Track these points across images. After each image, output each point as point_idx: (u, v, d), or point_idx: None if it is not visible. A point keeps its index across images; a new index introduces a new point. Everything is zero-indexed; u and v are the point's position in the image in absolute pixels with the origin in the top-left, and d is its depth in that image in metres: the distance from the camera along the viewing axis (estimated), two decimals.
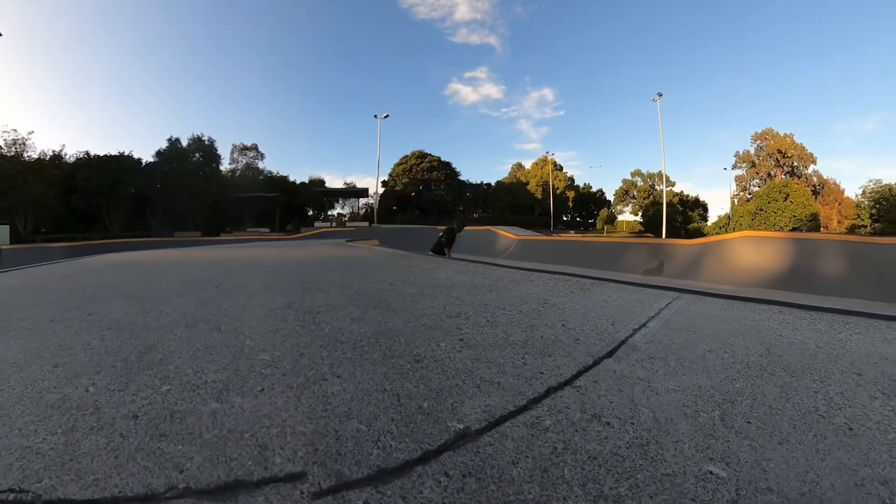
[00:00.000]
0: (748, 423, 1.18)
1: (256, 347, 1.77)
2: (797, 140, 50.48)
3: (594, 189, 72.29)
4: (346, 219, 51.61)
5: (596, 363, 1.61)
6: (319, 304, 2.58)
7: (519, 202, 63.10)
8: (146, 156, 38.22)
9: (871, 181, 44.51)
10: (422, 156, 59.08)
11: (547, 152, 66.39)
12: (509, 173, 73.81)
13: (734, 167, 55.07)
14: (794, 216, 38.91)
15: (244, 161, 53.99)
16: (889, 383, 1.48)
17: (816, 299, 3.14)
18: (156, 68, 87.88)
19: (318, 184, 57.41)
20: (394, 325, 2.12)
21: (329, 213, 56.06)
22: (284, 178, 53.11)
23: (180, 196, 35.54)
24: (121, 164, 34.18)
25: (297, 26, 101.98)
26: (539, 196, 63.51)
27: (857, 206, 44.78)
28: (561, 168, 68.74)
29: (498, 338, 1.90)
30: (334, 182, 73.76)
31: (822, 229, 40.04)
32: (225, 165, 47.23)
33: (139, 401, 1.28)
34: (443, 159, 60.23)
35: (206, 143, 39.78)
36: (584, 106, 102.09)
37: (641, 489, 0.89)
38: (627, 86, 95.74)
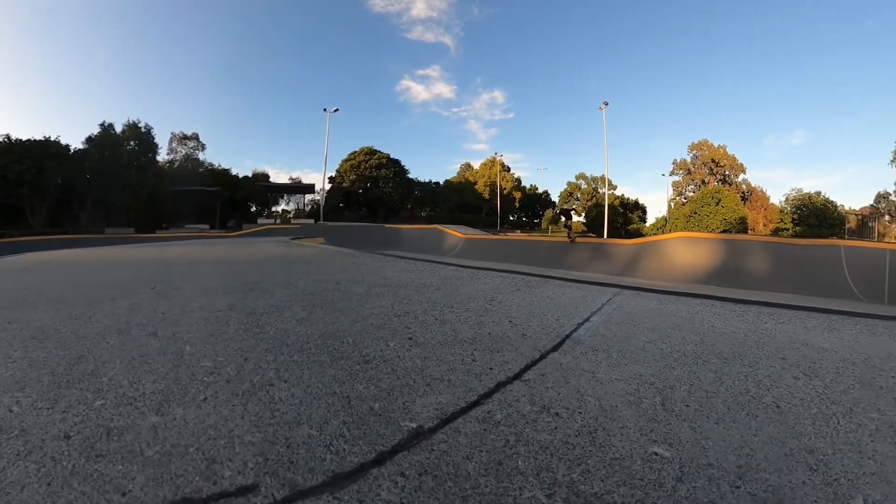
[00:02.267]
0: (687, 406, 1.28)
1: (197, 353, 1.67)
2: (729, 151, 56.15)
3: (540, 190, 74.94)
4: (291, 216, 49.58)
5: (543, 357, 1.67)
6: (263, 305, 2.49)
7: (467, 201, 63.98)
8: (75, 142, 34.30)
9: (793, 190, 51.55)
10: (371, 152, 58.39)
11: (495, 153, 68.05)
12: (458, 173, 74.71)
13: (672, 174, 59.84)
14: (725, 219, 42.56)
15: (183, 151, 49.97)
16: (809, 365, 1.67)
17: (744, 293, 3.42)
18: (90, 43, 78.68)
19: (262, 178, 54.51)
20: (341, 325, 2.08)
21: (273, 209, 53.35)
22: (226, 172, 49.79)
23: (113, 188, 31.92)
24: (46, 151, 29.74)
25: (246, 11, 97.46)
26: (487, 196, 64.75)
27: (781, 211, 50.45)
28: (509, 169, 70.59)
29: (447, 335, 1.92)
30: (279, 177, 70.69)
31: (749, 231, 44.01)
32: (162, 155, 43.84)
33: (71, 419, 1.17)
34: (392, 156, 59.75)
35: (143, 130, 36.30)
36: (534, 110, 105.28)
37: (592, 474, 0.93)
38: (576, 93, 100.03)
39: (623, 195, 63.81)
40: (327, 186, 51.93)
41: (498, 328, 2.05)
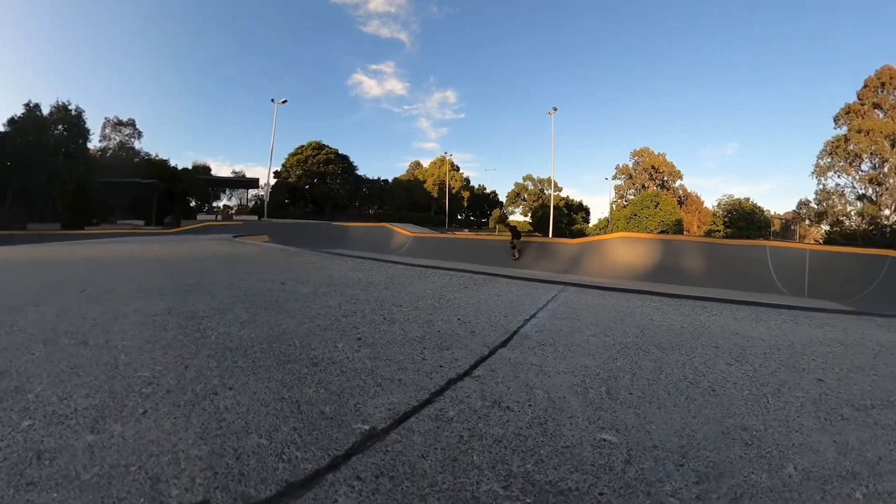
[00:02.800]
0: (630, 394, 1.34)
1: (133, 363, 1.54)
2: (669, 159, 60.00)
3: (488, 190, 76.34)
4: (234, 212, 46.91)
5: (492, 353, 1.69)
6: (204, 307, 2.35)
7: (415, 200, 63.83)
8: None
9: (725, 196, 57.04)
10: (319, 147, 56.67)
11: (445, 153, 68.28)
12: (407, 171, 74.37)
13: (614, 178, 63.71)
14: (663, 221, 45.61)
15: (118, 139, 45.95)
16: (740, 352, 1.80)
17: (681, 289, 3.63)
18: (14, 9, 67.12)
19: (203, 171, 51.13)
20: (287, 327, 2.00)
21: (215, 204, 50.29)
22: (164, 163, 45.65)
23: (37, 177, 27.63)
24: None
25: None
26: (435, 195, 64.92)
27: (714, 214, 55.60)
28: (458, 169, 71.32)
29: (396, 335, 1.90)
30: (221, 170, 65.98)
31: (685, 233, 47.12)
32: (94, 143, 39.04)
33: None
34: (340, 152, 58.15)
35: (73, 113, 31.59)
36: (485, 111, 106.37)
37: (546, 463, 0.95)
38: (526, 97, 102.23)
39: (568, 197, 66.46)
40: (272, 181, 49.38)
41: (447, 326, 2.05)
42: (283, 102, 37.77)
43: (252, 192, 51.16)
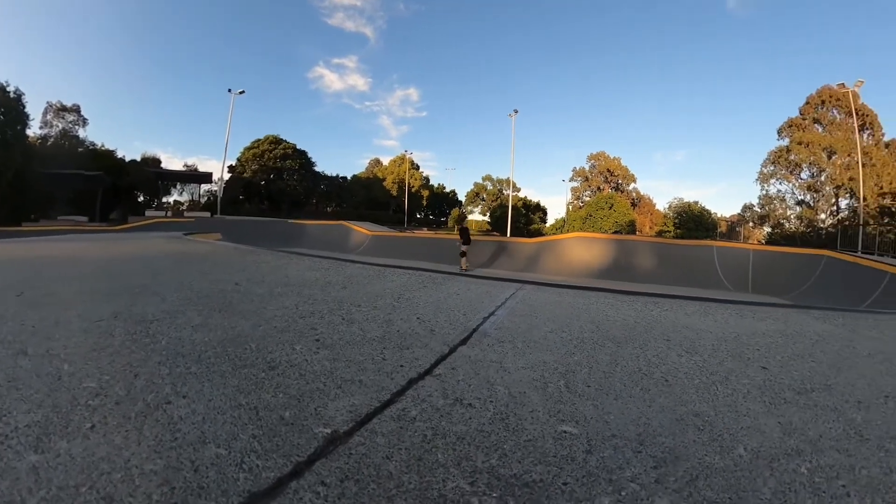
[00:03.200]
0: (588, 386, 1.38)
1: (78, 373, 1.43)
2: (623, 163, 62.43)
3: (448, 189, 76.45)
4: (185, 208, 43.55)
5: (452, 351, 1.69)
6: (153, 311, 2.21)
7: (374, 198, 63.00)
8: None
9: (675, 198, 60.93)
10: (276, 141, 54.29)
11: (405, 151, 67.91)
12: (366, 168, 73.17)
13: (571, 179, 65.87)
14: (617, 222, 47.64)
15: (60, 126, 41.67)
16: (690, 345, 1.89)
17: (633, 286, 3.76)
18: None
19: (152, 163, 47.53)
20: (242, 329, 1.92)
21: (165, 200, 46.59)
22: (111, 154, 42.13)
23: None
24: None
25: None
26: (395, 193, 64.40)
27: (665, 216, 58.63)
28: (418, 167, 71.06)
29: (355, 335, 1.87)
30: (172, 163, 61.86)
31: (637, 233, 48.96)
32: (34, 129, 36.01)
33: None
34: (298, 147, 55.67)
35: (12, 95, 28.31)
36: (447, 110, 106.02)
37: (510, 457, 0.96)
38: (488, 97, 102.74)
39: (526, 197, 67.80)
40: (226, 176, 46.65)
41: (406, 325, 2.04)
42: (241, 93, 35.91)
43: (205, 187, 48.37)
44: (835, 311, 2.80)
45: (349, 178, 66.96)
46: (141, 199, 44.18)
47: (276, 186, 52.93)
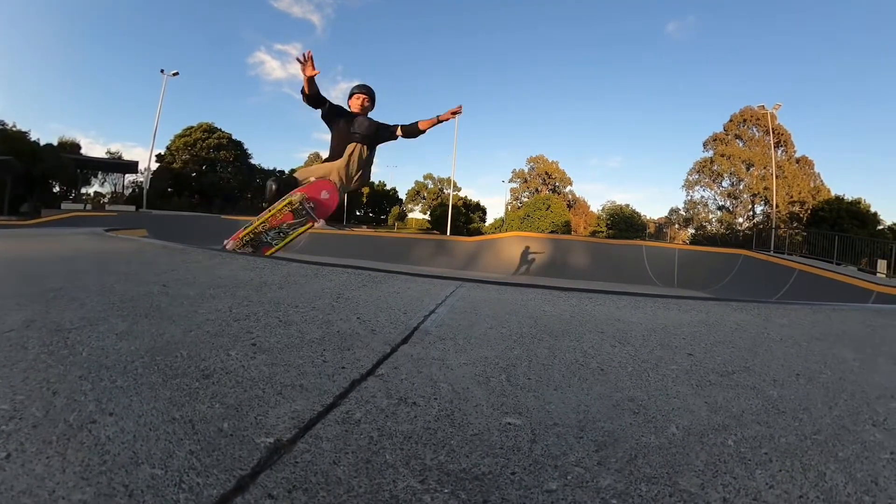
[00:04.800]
0: (529, 379, 1.43)
1: None
2: (561, 166, 66.70)
3: (388, 187, 75.44)
4: (107, 201, 39.42)
5: (394, 350, 1.68)
6: (72, 318, 1.99)
7: None
8: None
9: (608, 201, 67.00)
10: (210, 130, 50.56)
11: None
12: (306, 163, 70.51)
13: (511, 180, 69.13)
14: (553, 222, 50.18)
15: None
16: (622, 336, 2.01)
17: (569, 283, 3.94)
18: None
19: (71, 149, 42.49)
20: (172, 336, 1.79)
21: (84, 191, 41.92)
22: (22, 136, 36.75)
23: None
24: None
25: None
26: None
27: (598, 217, 63.35)
28: None
29: (293, 338, 1.81)
30: (93, 149, 55.40)
31: (572, 233, 51.53)
32: None
33: None
34: (234, 137, 52.57)
35: None
36: (390, 106, 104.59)
37: (458, 452, 0.99)
38: (432, 96, 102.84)
39: (466, 197, 69.20)
40: (154, 166, 42.23)
41: (347, 325, 2.01)
42: (174, 74, 33.23)
43: (130, 177, 44.31)
44: (751, 303, 3.08)
45: (287, 172, 64.65)
46: (57, 189, 39.72)
47: (209, 179, 49.70)
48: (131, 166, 39.36)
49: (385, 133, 5.54)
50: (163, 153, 50.56)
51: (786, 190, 45.09)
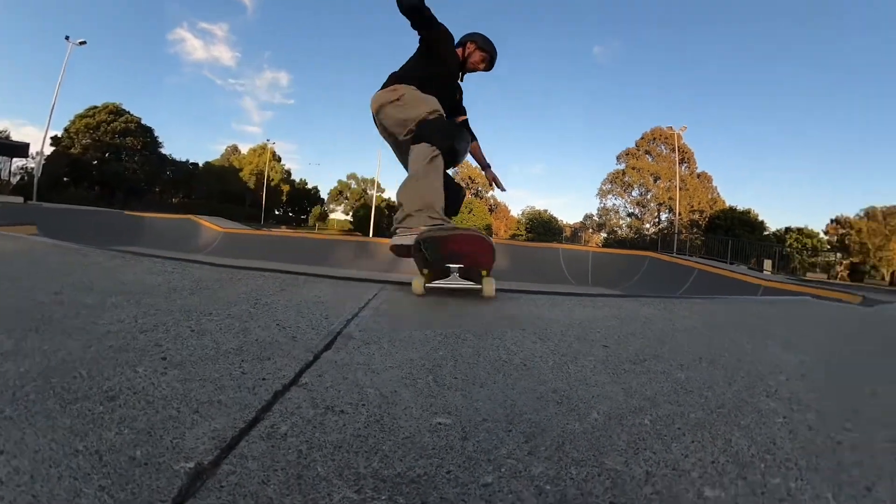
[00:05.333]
0: (455, 378, 1.45)
1: None
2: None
3: (310, 186, 73.04)
4: None
5: (317, 357, 1.63)
6: None
7: (229, 190, 56.82)
8: None
9: (528, 206, 70.65)
10: (117, 112, 44.63)
11: (268, 140, 62.86)
12: (222, 155, 65.83)
13: None
14: (475, 225, 51.04)
15: None
16: (542, 332, 2.11)
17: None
18: None
19: None
20: (69, 353, 1.56)
21: None
22: None
23: None
24: None
25: None
26: (252, 186, 59.22)
27: (518, 221, 66.71)
28: (279, 159, 66.26)
29: (208, 349, 1.68)
30: None
31: (493, 236, 53.14)
32: None
33: None
34: (144, 122, 47.04)
35: None
36: (317, 101, 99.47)
37: (391, 457, 0.97)
38: (362, 93, 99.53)
39: (390, 198, 68.48)
40: (48, 150, 36.63)
41: (266, 333, 1.91)
42: (81, 44, 29.05)
43: (18, 162, 38.06)
44: (657, 299, 3.39)
45: (201, 164, 59.53)
46: None
47: (113, 168, 43.96)
48: (20, 149, 33.40)
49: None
50: (60, 135, 44.29)
51: (687, 200, 52.51)
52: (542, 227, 59.29)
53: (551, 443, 1.07)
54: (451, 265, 2.81)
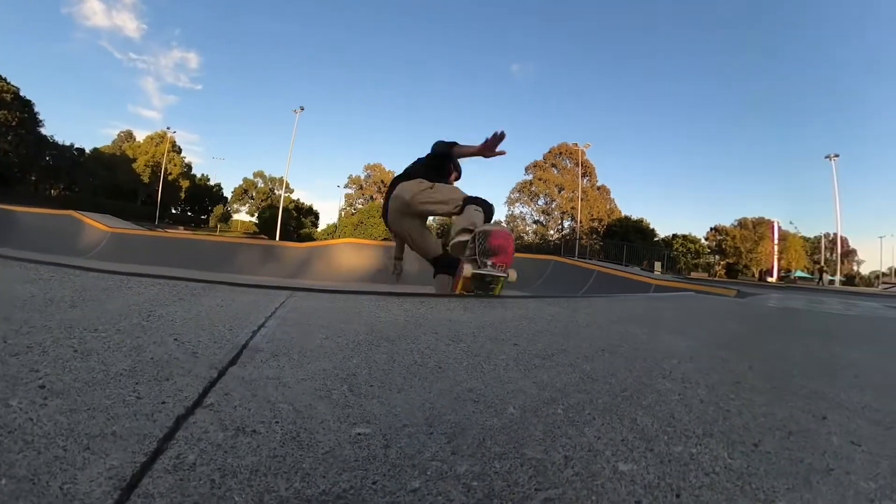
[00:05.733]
0: (371, 386, 1.44)
1: None
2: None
3: (213, 182, 67.71)
4: None
5: (221, 374, 1.52)
6: None
7: (120, 183, 50.07)
8: None
9: None
10: None
11: (168, 128, 55.98)
12: (114, 142, 57.97)
13: (346, 186, 69.53)
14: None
15: None
16: (455, 334, 2.17)
17: (402, 288, 4.10)
18: None
19: None
20: None
21: None
22: None
23: None
24: None
25: None
26: (147, 180, 53.07)
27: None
28: (180, 151, 60.04)
29: (95, 372, 1.47)
30: None
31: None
32: None
33: None
34: (23, 94, 39.51)
35: None
36: (227, 89, 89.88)
37: (312, 474, 0.94)
38: (275, 85, 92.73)
39: (299, 199, 66.36)
40: None
41: (162, 350, 1.75)
42: None
43: None
44: (561, 298, 3.67)
45: (88, 151, 51.64)
46: None
47: None
48: None
49: None
50: None
51: (588, 210, 58.92)
52: (451, 229, 61.26)
53: (473, 440, 1.10)
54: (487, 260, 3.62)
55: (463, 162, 5.14)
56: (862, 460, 1.17)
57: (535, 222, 63.68)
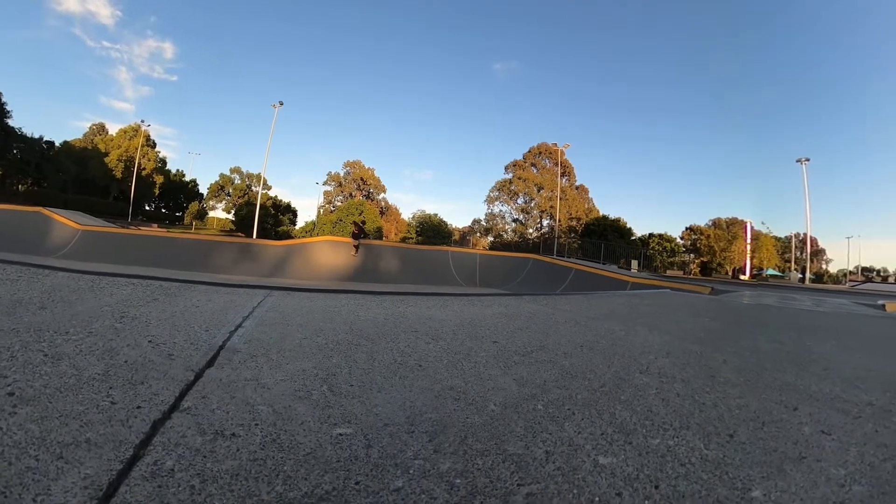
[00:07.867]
0: (351, 385, 1.44)
1: None
2: (377, 174, 70.51)
3: (188, 178, 65.55)
4: None
5: (199, 377, 1.49)
6: None
7: (91, 178, 47.41)
8: None
9: (419, 210, 73.22)
10: None
11: (142, 121, 53.40)
12: (85, 135, 55.21)
13: (325, 183, 69.52)
14: (369, 229, 50.74)
15: None
16: (435, 332, 2.18)
17: (381, 287, 4.09)
18: None
19: None
20: None
21: None
22: None
23: None
24: None
25: None
26: (119, 175, 50.63)
27: (409, 225, 68.26)
28: (154, 145, 57.47)
29: (67, 377, 1.43)
30: None
31: (384, 238, 53.15)
32: None
33: None
34: None
35: None
36: (204, 82, 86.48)
37: (293, 477, 0.93)
38: (254, 79, 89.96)
39: (276, 196, 65.29)
40: None
41: (136, 352, 1.71)
42: None
43: None
44: (540, 296, 3.68)
45: (58, 144, 48.90)
46: None
47: None
48: None
49: None
50: None
51: (567, 209, 60.67)
52: (432, 230, 61.27)
53: (454, 438, 1.10)
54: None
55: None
56: (832, 448, 1.21)
57: (515, 221, 64.13)
